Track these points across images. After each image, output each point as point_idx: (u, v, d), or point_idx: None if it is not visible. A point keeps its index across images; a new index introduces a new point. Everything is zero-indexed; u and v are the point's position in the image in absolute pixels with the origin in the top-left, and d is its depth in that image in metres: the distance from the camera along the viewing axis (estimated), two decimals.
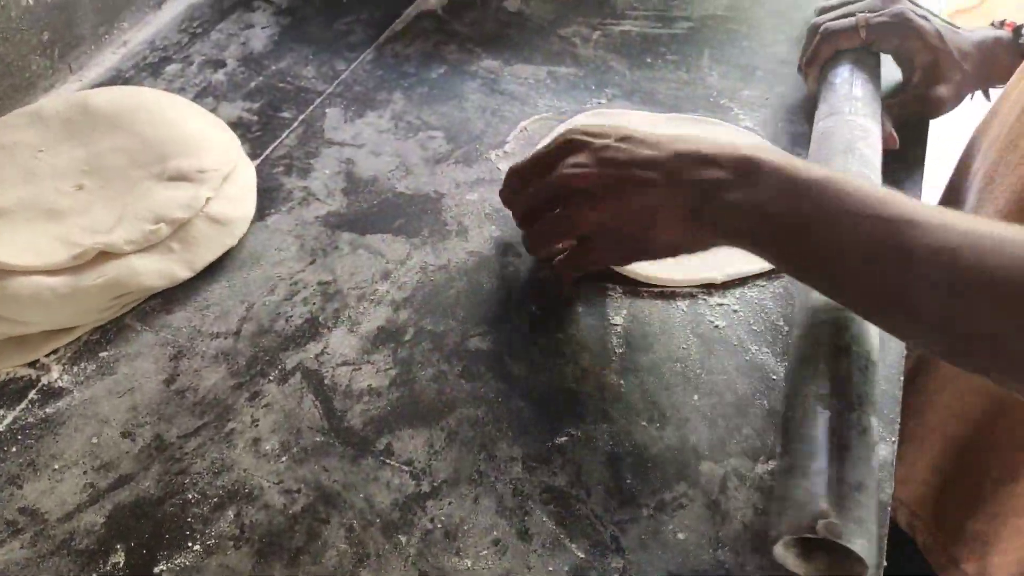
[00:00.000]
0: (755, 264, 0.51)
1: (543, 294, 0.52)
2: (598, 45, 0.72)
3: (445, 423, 0.46)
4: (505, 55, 0.71)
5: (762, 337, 0.49)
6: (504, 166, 0.61)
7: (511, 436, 0.45)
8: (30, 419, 0.47)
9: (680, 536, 0.41)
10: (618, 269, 0.52)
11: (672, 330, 0.50)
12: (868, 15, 0.60)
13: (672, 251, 0.45)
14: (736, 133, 0.61)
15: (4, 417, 0.47)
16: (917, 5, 0.61)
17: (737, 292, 0.52)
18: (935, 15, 0.61)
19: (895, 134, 0.57)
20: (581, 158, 0.46)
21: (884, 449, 0.44)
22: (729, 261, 0.52)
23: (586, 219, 0.46)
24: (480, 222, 0.57)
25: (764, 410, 0.46)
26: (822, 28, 0.62)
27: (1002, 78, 0.62)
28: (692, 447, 0.45)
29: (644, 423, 0.46)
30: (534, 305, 0.52)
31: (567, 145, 0.47)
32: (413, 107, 0.67)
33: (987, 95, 0.65)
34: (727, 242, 0.43)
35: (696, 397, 0.47)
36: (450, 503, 0.42)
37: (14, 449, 0.45)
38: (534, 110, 0.66)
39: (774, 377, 0.47)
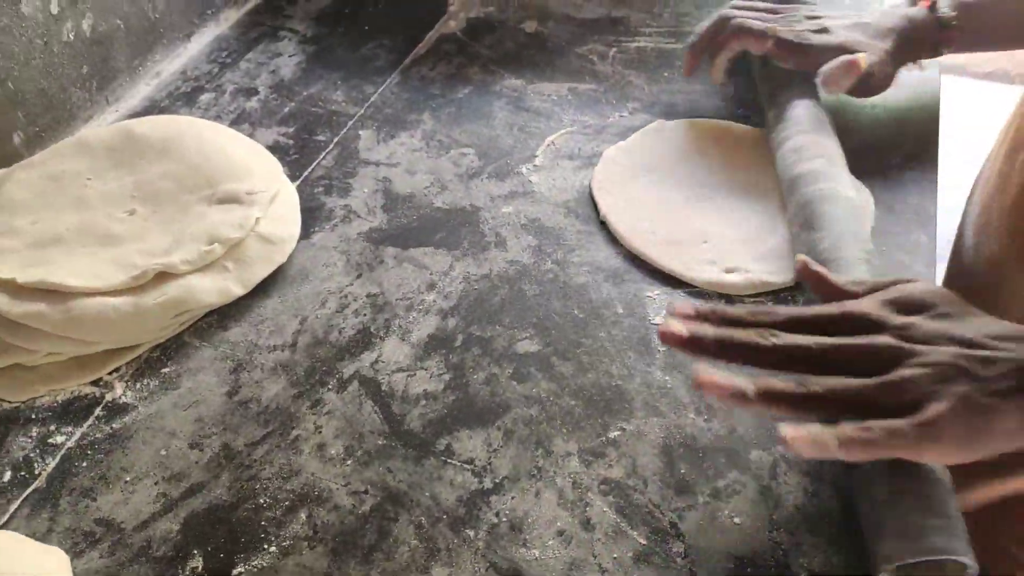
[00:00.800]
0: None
1: (585, 298, 0.54)
2: (615, 61, 0.75)
3: (501, 423, 0.48)
4: (527, 74, 0.74)
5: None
6: (536, 179, 0.63)
7: (565, 433, 0.47)
8: (98, 435, 0.48)
9: (736, 520, 0.43)
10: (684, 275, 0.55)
11: None
12: (778, 27, 0.62)
13: (1005, 444, 0.38)
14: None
15: (72, 434, 0.48)
16: (815, 8, 0.64)
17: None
18: (839, 15, 0.64)
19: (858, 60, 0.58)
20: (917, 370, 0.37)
21: None
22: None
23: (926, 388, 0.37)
24: (517, 233, 0.59)
25: None
26: (735, 21, 0.63)
27: (928, 52, 0.63)
28: (740, 436, 0.46)
29: (692, 416, 0.47)
30: (576, 308, 0.54)
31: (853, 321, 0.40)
32: (443, 126, 0.69)
33: (920, 66, 0.64)
34: None
35: None
36: (513, 497, 0.44)
37: (84, 464, 0.47)
38: (559, 125, 0.68)
39: None
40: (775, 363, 0.40)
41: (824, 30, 0.62)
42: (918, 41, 0.62)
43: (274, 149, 0.67)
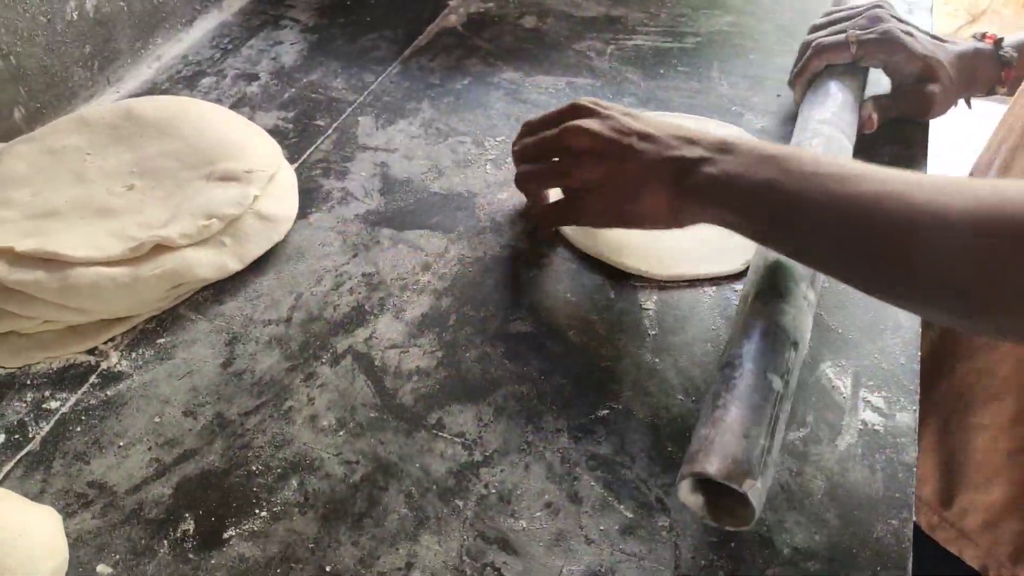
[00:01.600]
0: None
1: (577, 282, 0.55)
2: (613, 58, 0.76)
3: (492, 399, 0.48)
4: (525, 67, 0.75)
5: None
6: None
7: (555, 410, 0.48)
8: (92, 401, 0.49)
9: None
10: (637, 268, 0.55)
11: (701, 314, 0.53)
12: (858, 32, 0.64)
13: (651, 222, 0.49)
14: (742, 132, 0.65)
15: (67, 400, 0.49)
16: (902, 21, 0.65)
17: None
18: (920, 30, 0.66)
19: (875, 118, 0.62)
20: (589, 122, 0.50)
21: (906, 417, 0.47)
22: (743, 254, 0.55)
23: (582, 174, 0.51)
24: (512, 219, 0.60)
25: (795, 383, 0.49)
26: (814, 43, 0.65)
27: (984, 87, 0.67)
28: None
29: (680, 397, 0.48)
30: (569, 292, 0.54)
31: (577, 108, 0.53)
32: (441, 115, 0.70)
33: (968, 103, 0.68)
34: (705, 215, 0.47)
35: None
36: (502, 470, 0.45)
37: (79, 429, 0.47)
38: None
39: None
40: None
41: (911, 34, 0.64)
42: (979, 75, 0.66)
43: (273, 132, 0.67)
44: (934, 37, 0.66)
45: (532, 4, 0.84)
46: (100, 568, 0.41)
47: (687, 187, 0.47)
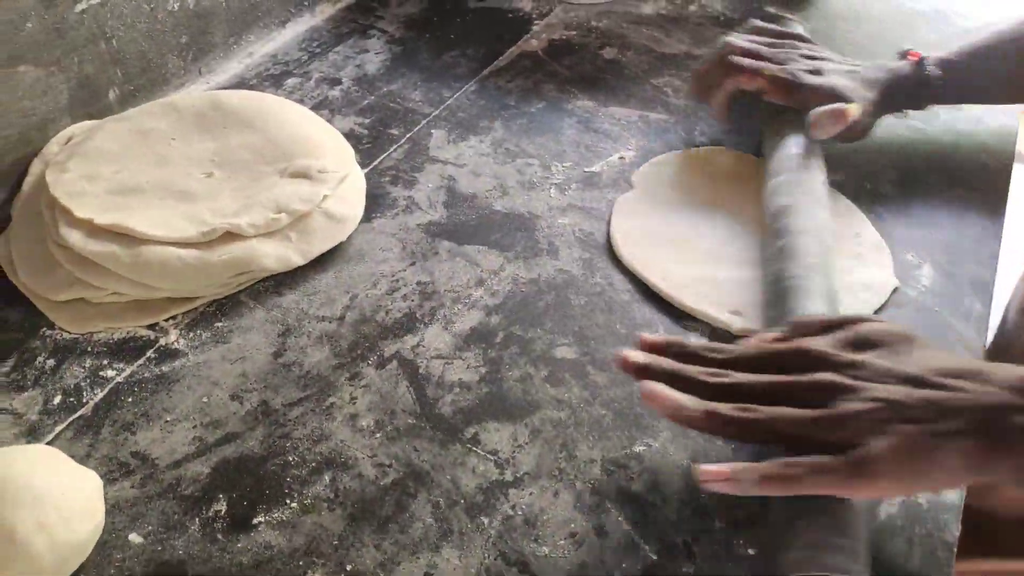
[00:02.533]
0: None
1: (628, 315, 0.55)
2: (689, 96, 0.76)
3: (529, 421, 0.48)
4: (600, 97, 0.76)
5: None
6: (595, 196, 0.64)
7: (591, 440, 0.47)
8: (146, 374, 0.50)
9: (750, 551, 0.43)
10: (705, 314, 0.54)
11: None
12: (772, 66, 0.63)
13: (941, 484, 0.40)
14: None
15: (123, 370, 0.51)
16: (815, 58, 0.65)
17: None
18: (833, 59, 0.66)
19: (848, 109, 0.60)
20: (874, 387, 0.38)
21: (952, 493, 0.45)
22: None
23: (867, 434, 0.37)
24: (570, 244, 0.60)
25: None
26: (729, 59, 0.65)
27: (912, 104, 0.66)
28: None
29: (720, 443, 0.48)
30: (619, 323, 0.54)
31: (805, 354, 0.41)
32: (512, 136, 0.71)
33: (905, 114, 0.68)
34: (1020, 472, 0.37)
35: None
36: (531, 493, 0.45)
37: (130, 399, 0.49)
38: (626, 148, 0.69)
39: None
40: (722, 398, 0.40)
41: (818, 71, 0.64)
42: (903, 94, 0.65)
43: (349, 136, 0.69)
44: (852, 64, 0.65)
45: (615, 36, 0.85)
46: (132, 536, 0.42)
47: (997, 437, 0.36)
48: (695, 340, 0.45)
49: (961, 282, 0.57)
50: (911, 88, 0.64)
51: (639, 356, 0.43)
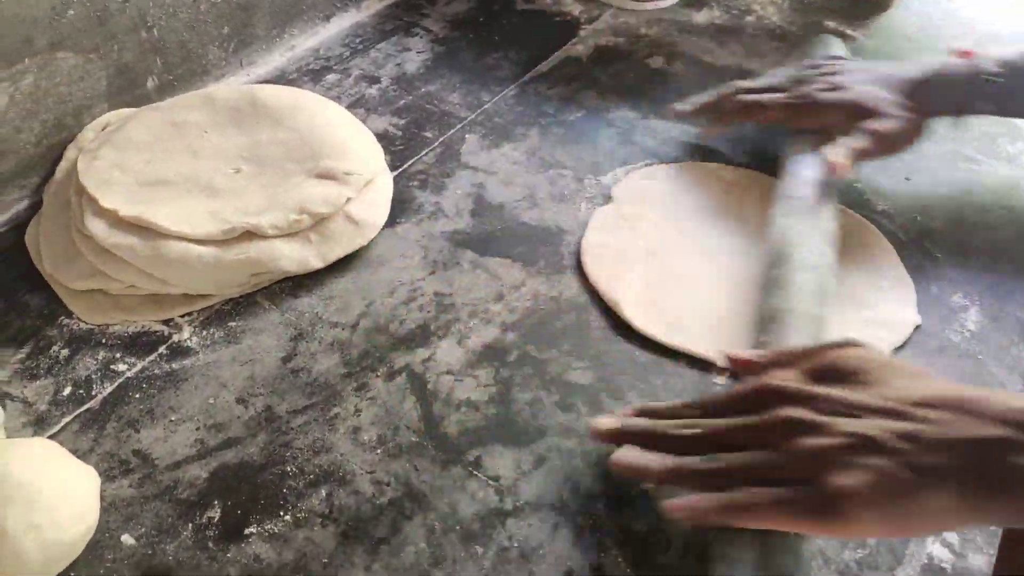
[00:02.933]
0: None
1: (648, 343, 0.53)
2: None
3: (535, 447, 0.47)
4: (642, 108, 0.73)
5: None
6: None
7: (598, 472, 0.46)
8: (156, 371, 0.50)
9: None
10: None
11: None
12: (779, 96, 0.61)
13: (930, 527, 0.38)
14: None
15: (134, 365, 0.51)
16: (838, 63, 0.63)
17: None
18: (865, 69, 0.62)
19: (841, 161, 0.55)
20: (850, 422, 0.36)
21: (979, 560, 0.42)
22: None
23: (842, 479, 0.34)
24: None
25: None
26: (741, 98, 0.63)
27: (963, 106, 0.59)
28: None
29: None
30: (638, 350, 0.52)
31: (772, 393, 0.39)
32: (548, 144, 0.69)
33: (961, 115, 0.60)
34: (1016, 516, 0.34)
35: None
36: (530, 525, 0.43)
37: (137, 396, 0.49)
38: (663, 164, 0.67)
39: None
40: (693, 448, 0.39)
41: (835, 88, 0.60)
42: (952, 95, 0.58)
43: (382, 137, 0.69)
44: (888, 71, 0.61)
45: (664, 45, 0.82)
46: (124, 537, 0.42)
47: (992, 477, 0.33)
48: (663, 404, 0.44)
49: (1010, 328, 0.54)
50: (961, 88, 0.58)
51: (610, 422, 0.43)
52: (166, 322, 0.53)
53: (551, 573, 0.41)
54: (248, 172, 0.60)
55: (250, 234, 0.54)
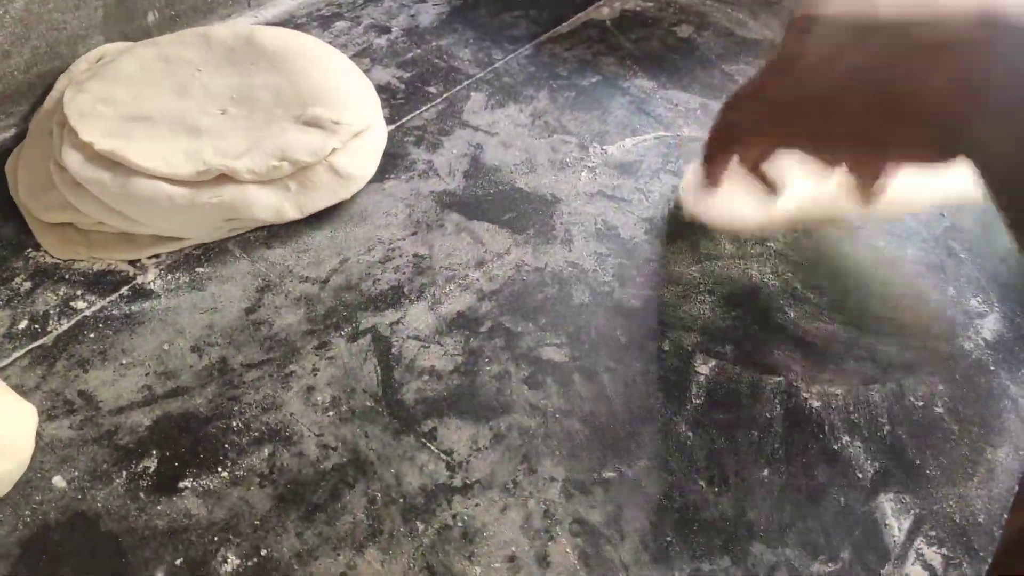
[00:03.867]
0: None
1: (634, 322, 0.49)
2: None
3: (495, 423, 0.44)
4: (662, 78, 0.69)
5: (859, 430, 0.45)
6: (630, 186, 0.58)
7: (558, 456, 0.43)
8: (115, 312, 0.49)
9: None
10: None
11: (760, 395, 0.46)
12: None
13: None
14: None
15: (93, 304, 0.49)
16: None
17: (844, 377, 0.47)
18: None
19: None
20: None
21: None
22: None
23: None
24: (588, 236, 0.55)
25: (838, 507, 0.41)
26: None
27: None
28: (748, 523, 0.41)
29: (703, 483, 0.42)
30: (619, 331, 0.49)
31: None
32: (555, 109, 0.65)
33: None
34: None
35: (766, 472, 0.43)
36: (477, 505, 0.40)
37: (92, 335, 0.47)
38: (675, 137, 0.63)
39: (859, 475, 0.43)
40: None
41: None
42: None
43: (384, 89, 0.66)
44: None
45: (694, 13, 0.78)
46: (56, 479, 0.40)
47: None
48: None
49: None
50: None
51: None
52: (132, 263, 0.52)
53: (493, 556, 0.38)
54: (234, 114, 0.57)
55: (226, 178, 0.52)
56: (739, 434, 0.44)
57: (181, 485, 0.40)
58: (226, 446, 0.42)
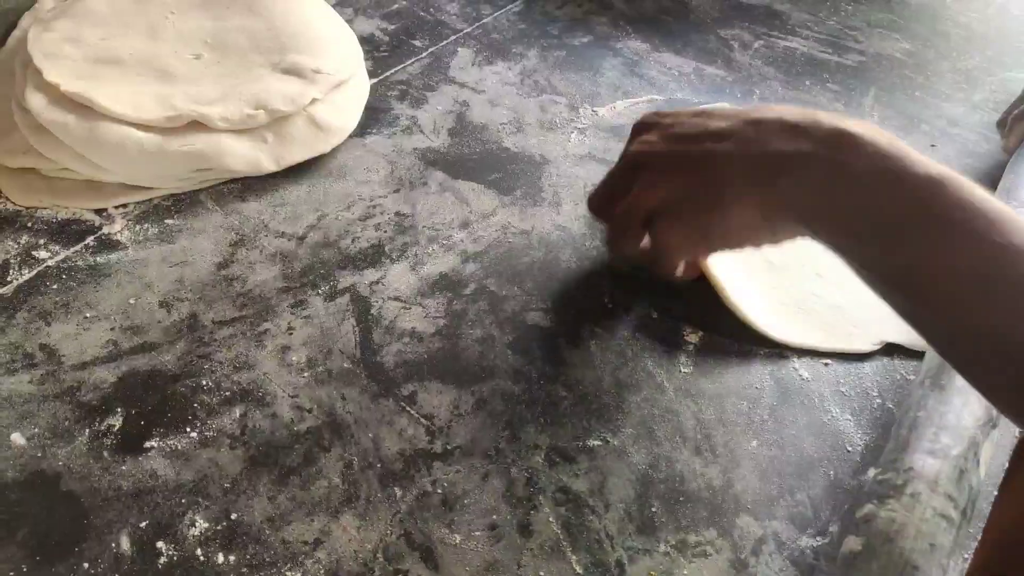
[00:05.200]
0: (906, 336, 0.46)
1: (622, 289, 0.48)
2: (756, 54, 0.67)
3: (478, 389, 0.42)
4: (655, 40, 0.67)
5: (849, 402, 0.44)
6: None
7: (542, 423, 0.41)
8: (79, 262, 0.46)
9: None
10: (755, 324, 0.46)
11: (750, 366, 0.45)
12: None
13: (741, 239, 0.38)
14: None
15: (57, 254, 0.46)
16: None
17: None
18: None
19: None
20: (650, 135, 0.40)
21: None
22: (879, 329, 0.46)
23: (650, 196, 0.39)
24: (577, 198, 0.53)
25: (828, 480, 0.40)
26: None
27: None
28: (735, 495, 0.40)
29: (688, 453, 0.41)
30: (607, 296, 0.47)
31: (637, 129, 0.42)
32: (545, 68, 0.63)
33: None
34: (801, 228, 0.36)
35: (755, 443, 0.42)
36: (457, 471, 0.39)
37: (55, 287, 0.45)
38: (669, 102, 0.61)
39: (849, 449, 0.42)
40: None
41: None
42: None
43: (367, 40, 0.63)
44: None
45: None
46: (14, 436, 0.38)
47: (780, 193, 0.35)
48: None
49: None
50: None
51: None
52: (99, 212, 0.49)
53: (474, 524, 0.37)
54: (209, 59, 0.54)
55: (199, 125, 0.49)
56: (728, 404, 0.43)
57: (147, 445, 0.38)
58: (195, 405, 0.40)
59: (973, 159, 0.60)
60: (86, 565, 0.34)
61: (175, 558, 0.35)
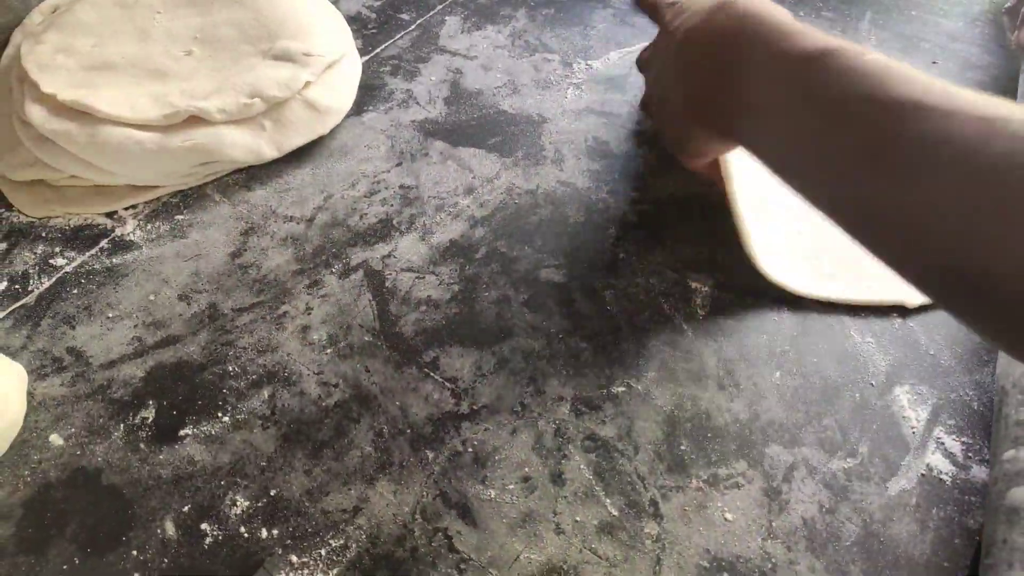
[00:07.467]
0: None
1: (631, 239, 0.48)
2: None
3: (498, 348, 0.43)
4: None
5: (869, 325, 0.44)
6: (619, 99, 0.56)
7: (565, 375, 0.42)
8: (96, 266, 0.47)
9: (728, 516, 0.37)
10: (794, 288, 0.45)
11: (766, 300, 0.45)
12: None
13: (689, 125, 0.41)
14: None
15: (74, 259, 0.47)
16: None
17: None
18: None
19: None
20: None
21: (984, 473, 0.38)
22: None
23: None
24: (578, 153, 0.53)
25: (854, 403, 0.40)
26: None
27: None
28: (762, 426, 0.40)
29: (713, 390, 0.41)
30: (620, 248, 0.48)
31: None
32: (535, 27, 0.63)
33: None
34: (723, 122, 0.37)
35: (778, 375, 0.42)
36: (486, 429, 0.40)
37: (75, 291, 0.46)
38: None
39: (873, 370, 0.42)
40: None
41: None
42: None
43: (354, 20, 0.63)
44: None
45: None
46: (53, 438, 0.39)
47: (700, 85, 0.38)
48: None
49: None
50: None
51: None
52: (110, 215, 0.50)
53: (507, 478, 0.38)
54: (199, 54, 0.55)
55: (196, 120, 0.50)
56: (747, 339, 0.43)
57: (182, 433, 0.39)
58: (224, 391, 0.41)
59: (976, 71, 0.59)
60: (135, 552, 0.35)
61: (220, 537, 0.36)
